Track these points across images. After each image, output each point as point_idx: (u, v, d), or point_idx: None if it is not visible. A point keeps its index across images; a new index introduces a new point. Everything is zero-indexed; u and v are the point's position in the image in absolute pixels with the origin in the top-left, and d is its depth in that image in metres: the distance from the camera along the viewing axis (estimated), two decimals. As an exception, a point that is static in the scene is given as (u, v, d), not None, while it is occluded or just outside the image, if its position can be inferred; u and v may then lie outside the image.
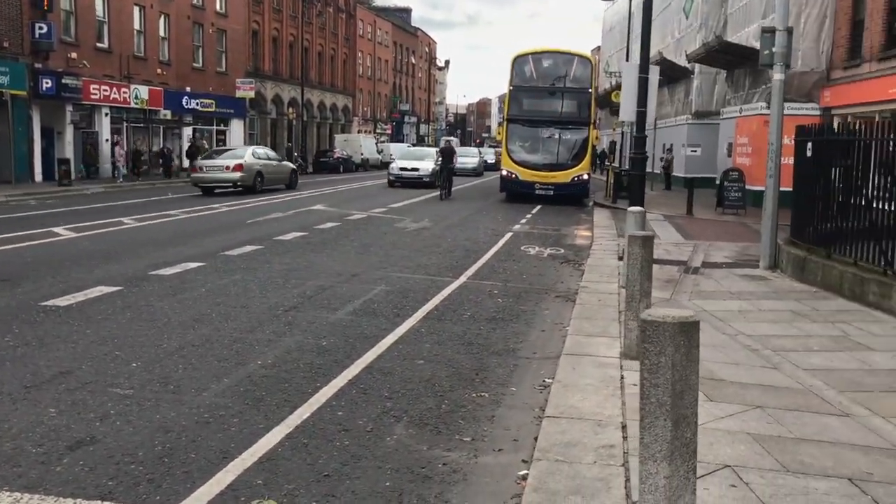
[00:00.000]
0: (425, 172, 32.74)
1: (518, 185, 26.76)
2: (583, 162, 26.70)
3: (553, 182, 26.26)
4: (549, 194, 26.17)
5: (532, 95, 27.25)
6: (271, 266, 11.74)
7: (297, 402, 5.70)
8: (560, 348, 7.31)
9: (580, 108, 26.93)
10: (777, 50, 12.31)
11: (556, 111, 26.99)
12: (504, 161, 27.55)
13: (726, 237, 17.63)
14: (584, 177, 26.79)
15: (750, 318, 9.01)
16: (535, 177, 26.40)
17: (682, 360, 3.06)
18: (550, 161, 26.73)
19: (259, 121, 51.24)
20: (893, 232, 9.57)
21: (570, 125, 26.88)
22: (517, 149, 27.30)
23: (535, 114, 27.07)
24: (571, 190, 26.54)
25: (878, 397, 6.10)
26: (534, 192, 26.22)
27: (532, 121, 27.10)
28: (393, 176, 33.52)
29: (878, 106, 20.28)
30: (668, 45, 39.64)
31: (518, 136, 27.46)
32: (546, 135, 27.18)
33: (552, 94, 27.20)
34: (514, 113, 27.29)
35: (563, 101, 27.03)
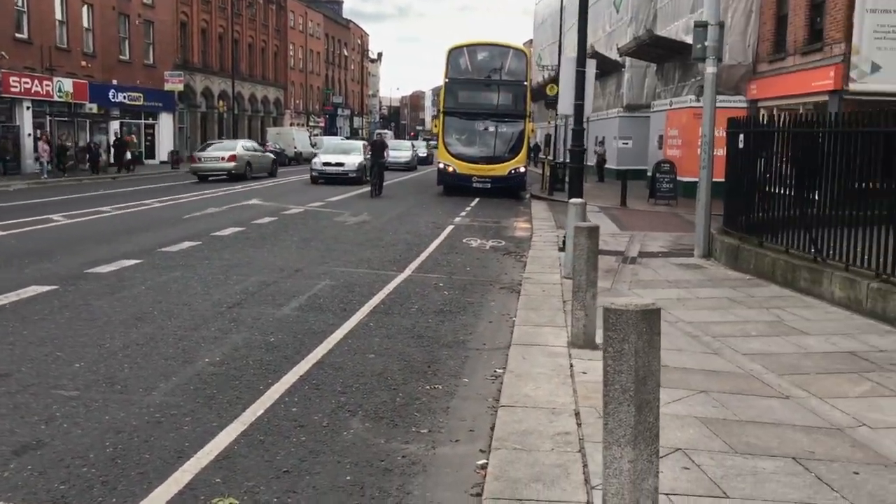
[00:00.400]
0: (351, 167, 30.49)
1: (455, 178, 26.71)
2: (519, 155, 26.85)
3: (490, 175, 26.26)
4: (487, 187, 26.21)
5: (468, 88, 27.14)
6: (211, 262, 11.54)
7: (249, 400, 5.64)
8: (509, 339, 7.40)
9: (516, 101, 26.95)
10: (709, 44, 12.63)
11: (492, 104, 26.93)
12: (441, 154, 27.44)
13: (660, 227, 18.05)
14: (521, 169, 26.90)
15: (689, 306, 9.26)
16: (472, 170, 26.40)
17: (644, 347, 3.15)
18: (487, 154, 26.73)
19: (189, 114, 50.18)
20: (822, 220, 9.96)
21: (506, 118, 26.90)
22: (454, 142, 27.19)
23: (472, 106, 26.94)
24: (508, 183, 26.58)
25: (814, 379, 6.35)
26: (471, 184, 26.24)
27: (468, 113, 26.99)
28: (315, 171, 30.90)
29: (802, 98, 21.00)
30: (599, 38, 40.24)
31: (455, 129, 27.34)
32: (482, 127, 27.13)
33: (488, 86, 27.13)
34: (450, 105, 27.17)
35: (499, 93, 26.98)
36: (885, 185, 8.88)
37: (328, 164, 30.80)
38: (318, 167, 31.01)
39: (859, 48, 13.78)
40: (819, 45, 20.29)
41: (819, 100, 19.97)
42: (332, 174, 30.41)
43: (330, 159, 31.11)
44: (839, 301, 9.13)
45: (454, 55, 27.60)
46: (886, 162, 8.81)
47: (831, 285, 9.33)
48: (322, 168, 30.81)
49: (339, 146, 34.58)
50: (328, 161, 31.00)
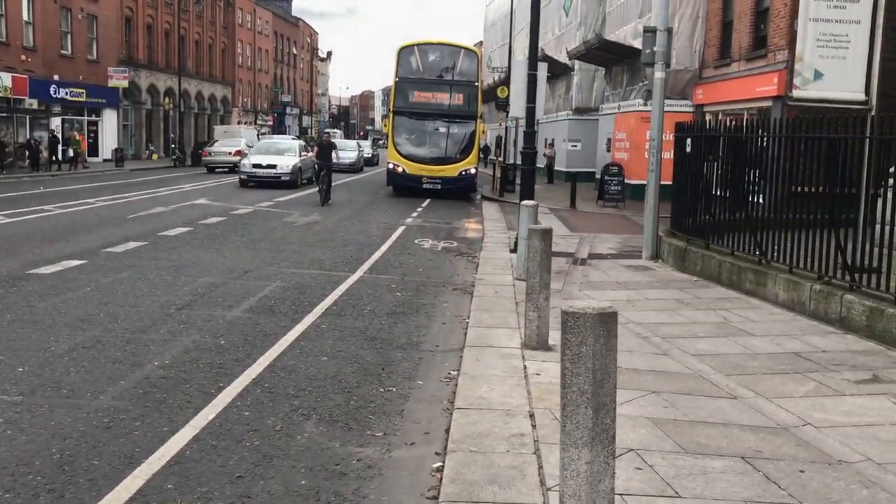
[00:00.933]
0: (284, 170, 27.81)
1: (405, 179, 26.45)
2: (470, 156, 26.63)
3: (440, 176, 26.00)
4: (437, 188, 25.99)
5: (418, 87, 26.95)
6: (158, 263, 11.32)
7: (200, 404, 5.55)
8: (462, 340, 7.42)
9: (467, 102, 26.84)
10: (657, 49, 12.84)
11: (442, 104, 26.81)
12: (390, 154, 27.04)
13: (609, 229, 18.29)
14: (472, 171, 26.67)
15: (638, 307, 9.39)
16: (422, 170, 26.09)
17: (601, 350, 3.18)
18: (438, 154, 26.51)
19: (133, 111, 49.18)
20: (766, 223, 10.19)
21: (457, 118, 26.78)
22: (404, 142, 26.90)
23: (422, 106, 26.77)
24: (459, 184, 26.41)
25: (761, 379, 6.50)
26: (421, 185, 25.97)
27: (419, 113, 26.81)
28: (245, 174, 27.86)
29: (747, 104, 21.47)
30: (548, 41, 40.58)
31: (405, 129, 27.04)
32: (433, 128, 26.95)
33: (439, 86, 27.01)
34: (400, 105, 26.93)
35: (450, 94, 26.88)
36: (825, 189, 9.13)
37: (258, 165, 27.86)
38: (246, 169, 28.02)
39: (802, 55, 14.17)
40: (763, 51, 20.78)
41: (763, 105, 20.44)
42: (263, 177, 27.54)
43: (260, 160, 28.15)
44: (783, 303, 9.36)
45: (404, 54, 27.37)
46: (827, 167, 9.06)
47: (775, 287, 9.56)
48: (251, 170, 27.81)
49: (272, 145, 31.23)
50: (258, 162, 28.01)
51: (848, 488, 4.35)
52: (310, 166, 27.90)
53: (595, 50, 28.41)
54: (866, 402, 5.89)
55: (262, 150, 29.87)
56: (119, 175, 34.16)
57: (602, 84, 33.48)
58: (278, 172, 27.66)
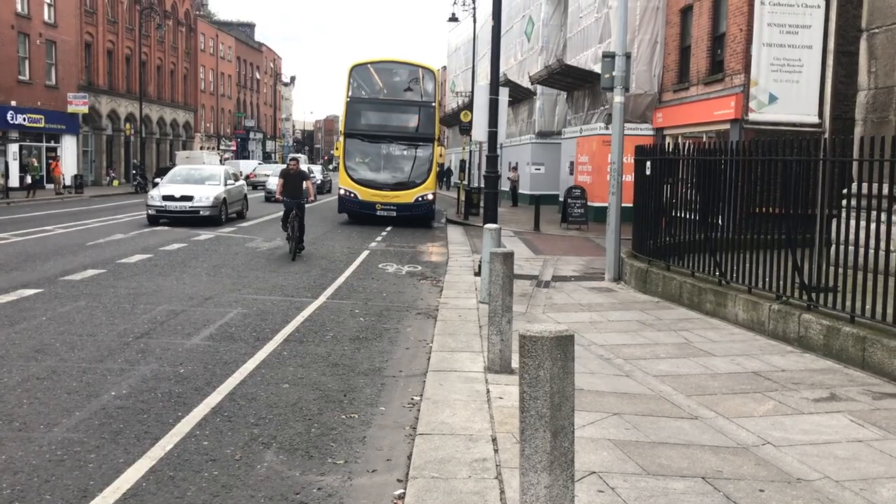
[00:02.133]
0: (203, 202, 21.92)
1: (358, 206, 24.83)
2: (427, 181, 24.98)
3: (395, 202, 24.49)
4: (392, 215, 24.46)
5: (371, 108, 25.51)
6: (117, 291, 11.14)
7: (158, 434, 5.44)
8: (426, 365, 7.39)
9: (424, 123, 25.23)
10: (616, 73, 13.04)
11: (397, 125, 25.30)
12: (342, 179, 25.30)
13: (573, 251, 18.42)
14: (430, 196, 25.04)
15: (601, 329, 9.45)
16: (375, 196, 24.53)
17: (559, 373, 3.19)
18: (392, 179, 25.02)
19: (94, 137, 48.67)
20: (726, 244, 10.34)
21: (413, 141, 25.28)
22: (356, 166, 25.28)
23: (375, 128, 25.26)
24: (416, 211, 24.83)
25: (721, 399, 6.56)
26: (374, 213, 24.45)
27: (372, 136, 25.26)
28: (153, 209, 21.83)
29: (706, 127, 21.87)
30: (511, 66, 41.02)
31: (357, 153, 25.47)
32: (387, 151, 25.51)
33: (393, 107, 25.59)
34: (351, 127, 25.29)
35: (406, 114, 25.41)
36: (782, 210, 9.29)
37: (170, 197, 21.90)
38: (155, 202, 21.92)
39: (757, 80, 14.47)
40: (720, 75, 21.21)
41: (721, 128, 20.84)
42: (177, 212, 21.68)
43: (173, 191, 22.19)
44: (743, 323, 9.47)
45: (357, 73, 25.89)
46: (783, 188, 9.23)
47: (735, 307, 9.68)
48: (162, 204, 21.81)
49: (191, 173, 24.69)
50: (170, 194, 22.03)
51: (806, 507, 4.39)
52: (239, 198, 25.04)
53: (556, 75, 28.78)
54: (824, 421, 5.96)
55: (178, 179, 23.76)
56: (79, 202, 33.67)
57: (564, 108, 33.89)
58: (196, 206, 21.81)
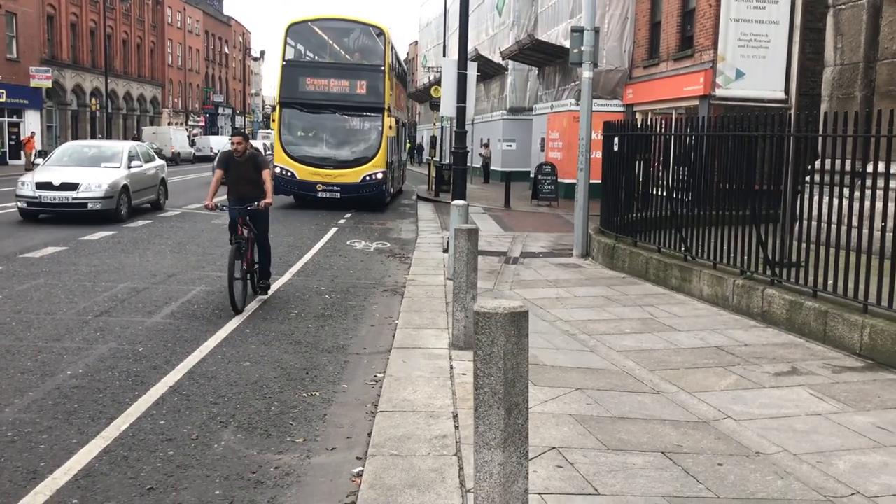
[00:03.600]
0: (94, 192, 16.43)
1: (295, 187, 21.60)
2: (376, 157, 21.65)
3: (339, 182, 21.31)
4: (336, 197, 21.39)
5: (311, 73, 22.10)
6: (78, 268, 10.94)
7: (113, 413, 5.34)
8: (390, 342, 7.34)
9: (372, 90, 21.86)
10: (585, 48, 12.96)
11: (341, 93, 21.90)
12: (277, 156, 21.91)
13: (542, 228, 18.42)
14: (379, 175, 21.67)
15: (567, 305, 9.45)
16: (316, 175, 21.31)
17: (513, 350, 3.14)
18: (335, 155, 21.78)
19: (58, 112, 47.72)
20: (692, 220, 10.37)
21: (360, 111, 22.05)
22: (294, 140, 22.12)
23: (316, 96, 21.84)
24: (363, 192, 21.62)
25: (683, 374, 6.58)
26: (315, 194, 21.47)
27: (312, 105, 21.88)
28: (24, 200, 16.36)
29: (675, 103, 21.90)
30: (482, 41, 40.78)
31: (295, 125, 22.27)
32: (329, 123, 22.19)
33: (336, 71, 22.12)
34: (288, 95, 21.94)
35: (351, 80, 21.92)
36: (748, 185, 9.32)
37: (47, 185, 16.34)
38: (26, 192, 16.37)
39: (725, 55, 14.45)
40: (690, 51, 21.21)
41: (690, 104, 20.88)
42: (55, 205, 16.35)
43: (51, 177, 16.54)
44: (708, 298, 9.52)
45: (294, 32, 22.55)
46: (750, 164, 9.25)
47: (700, 283, 9.72)
48: (34, 194, 16.28)
49: (83, 152, 18.61)
50: (47, 181, 16.41)
51: (764, 479, 4.41)
52: (152, 184, 19.32)
53: (527, 50, 28.61)
54: (784, 395, 6.00)
55: (64, 160, 17.96)
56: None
57: (535, 84, 33.77)
58: (82, 197, 16.32)
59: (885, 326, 6.84)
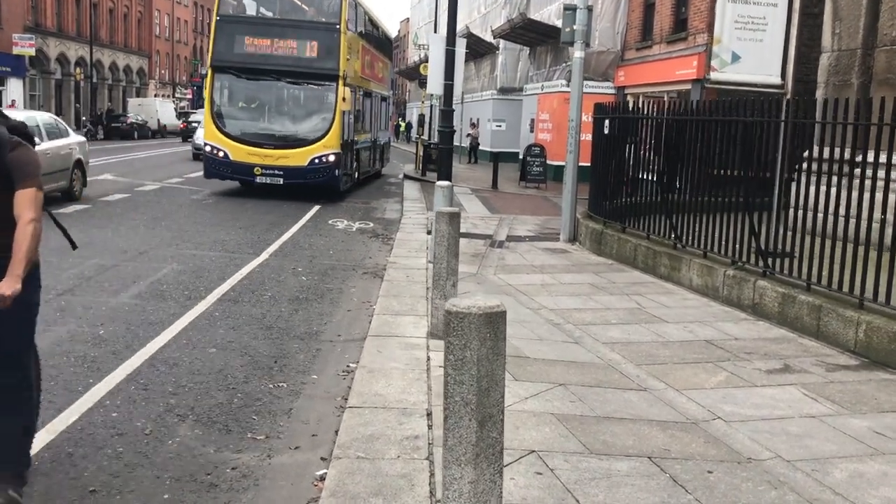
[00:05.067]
0: None
1: (228, 169, 17.57)
2: (328, 135, 17.57)
3: (282, 165, 17.31)
4: (277, 183, 17.50)
5: (249, 31, 18.13)
6: (46, 243, 10.41)
7: (63, 404, 4.98)
8: (366, 329, 7.00)
9: (325, 53, 17.84)
10: (577, 27, 12.57)
11: (286, 55, 17.92)
12: (208, 131, 17.99)
13: (529, 211, 18.09)
14: (331, 157, 17.55)
15: (552, 292, 9.13)
16: (253, 156, 17.29)
17: (488, 354, 2.80)
18: (277, 132, 17.92)
19: (42, 81, 46.79)
20: (682, 207, 10.05)
21: (308, 78, 17.97)
22: (228, 113, 18.15)
23: (255, 59, 17.83)
24: (311, 177, 17.58)
25: (671, 369, 6.28)
26: (252, 179, 17.53)
27: (250, 70, 17.81)
28: None
29: (667, 86, 21.53)
30: (474, 19, 40.22)
31: (229, 94, 18.36)
32: (271, 92, 18.30)
33: (280, 29, 18.22)
34: (221, 58, 17.97)
35: (298, 41, 17.98)
36: (741, 172, 9.00)
37: None
38: None
39: (721, 37, 14.07)
40: (684, 34, 20.82)
41: (683, 88, 20.52)
42: None
43: None
44: (697, 288, 9.23)
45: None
46: (743, 150, 8.93)
47: (690, 272, 9.43)
48: None
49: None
50: None
51: (756, 490, 4.12)
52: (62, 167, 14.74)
53: (519, 29, 28.13)
54: (777, 394, 5.71)
55: None
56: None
57: (526, 64, 33.31)
58: None
59: (881, 323, 6.56)
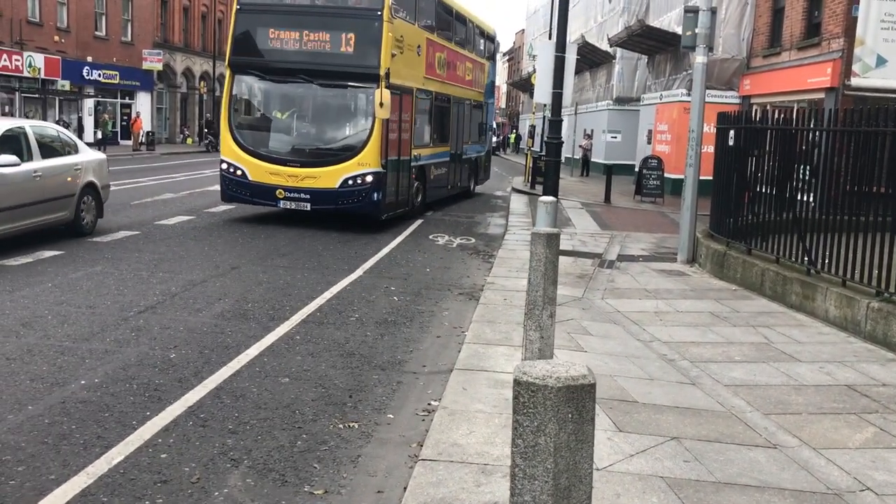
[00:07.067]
0: None
1: (246, 191, 14.29)
2: (366, 149, 13.85)
3: (309, 187, 13.87)
4: (305, 209, 14.08)
5: (274, 23, 14.55)
6: (141, 255, 10.38)
7: (112, 440, 4.53)
8: (454, 360, 6.34)
9: (363, 49, 14.05)
10: (700, 31, 11.59)
11: (318, 52, 14.26)
12: (224, 147, 14.73)
13: (644, 227, 17.03)
14: (368, 178, 13.84)
15: (667, 321, 8.24)
16: (275, 177, 13.98)
17: (569, 442, 2.09)
18: (303, 147, 14.51)
19: (168, 94, 48.78)
20: (817, 226, 8.94)
21: (342, 79, 14.24)
22: (247, 123, 15.06)
23: (282, 58, 14.37)
24: (343, 202, 13.96)
25: (807, 421, 5.34)
26: (275, 203, 14.24)
27: (275, 69, 14.43)
28: None
29: (797, 95, 20.01)
30: (590, 28, 39.18)
31: (248, 100, 15.27)
32: (298, 98, 14.85)
33: (311, 19, 14.55)
34: (241, 56, 14.69)
35: (332, 32, 14.18)
36: (890, 189, 7.87)
37: None
38: None
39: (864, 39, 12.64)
40: (816, 39, 19.29)
41: (815, 97, 18.99)
42: None
43: None
44: (834, 321, 8.12)
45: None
46: (892, 164, 7.80)
47: (826, 302, 8.32)
48: None
49: None
50: None
51: None
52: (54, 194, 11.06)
53: (637, 37, 26.99)
54: (941, 461, 4.70)
55: None
56: (148, 159, 33.58)
57: (644, 73, 32.04)
58: None
59: None
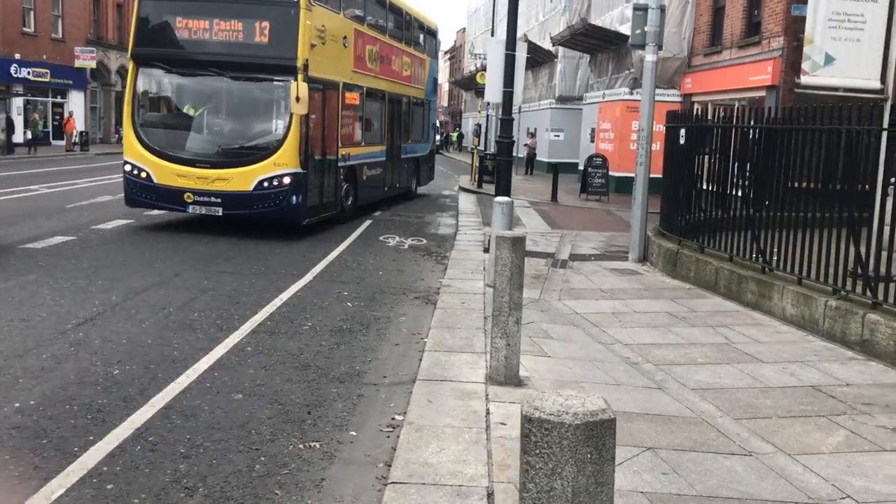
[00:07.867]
0: None
1: (152, 195, 13.05)
2: (283, 148, 12.65)
3: (219, 190, 12.67)
4: (216, 214, 12.87)
5: (182, 10, 13.31)
6: (78, 262, 9.85)
7: (51, 471, 4.15)
8: (416, 370, 6.09)
9: (279, 39, 12.85)
10: (649, 29, 11.56)
11: (230, 42, 13.09)
12: (127, 147, 13.37)
13: (592, 226, 17.03)
14: (285, 179, 12.66)
15: (625, 322, 8.13)
16: (183, 179, 12.76)
17: (588, 485, 1.86)
18: (213, 146, 13.28)
19: (102, 93, 47.29)
20: (771, 224, 8.94)
21: (256, 71, 13.06)
22: (151, 120, 13.75)
23: (190, 49, 13.26)
24: (258, 207, 12.72)
25: (778, 426, 5.26)
26: (184, 208, 12.95)
27: (182, 61, 13.36)
28: None
29: (738, 94, 20.26)
30: (532, 27, 39.26)
31: (153, 95, 13.97)
32: (208, 92, 13.69)
33: (222, 6, 13.26)
34: (145, 47, 13.49)
35: (245, 21, 13.00)
36: (844, 186, 7.88)
37: None
38: None
39: (812, 37, 12.77)
40: (757, 38, 19.55)
41: (756, 95, 19.23)
42: None
43: None
44: (792, 319, 8.12)
45: None
46: (847, 160, 7.81)
47: (782, 301, 8.32)
48: None
49: None
50: None
51: None
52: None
53: (580, 35, 27.06)
54: (916, 463, 4.64)
55: None
56: (82, 160, 32.45)
57: (586, 72, 32.20)
58: None
59: None
